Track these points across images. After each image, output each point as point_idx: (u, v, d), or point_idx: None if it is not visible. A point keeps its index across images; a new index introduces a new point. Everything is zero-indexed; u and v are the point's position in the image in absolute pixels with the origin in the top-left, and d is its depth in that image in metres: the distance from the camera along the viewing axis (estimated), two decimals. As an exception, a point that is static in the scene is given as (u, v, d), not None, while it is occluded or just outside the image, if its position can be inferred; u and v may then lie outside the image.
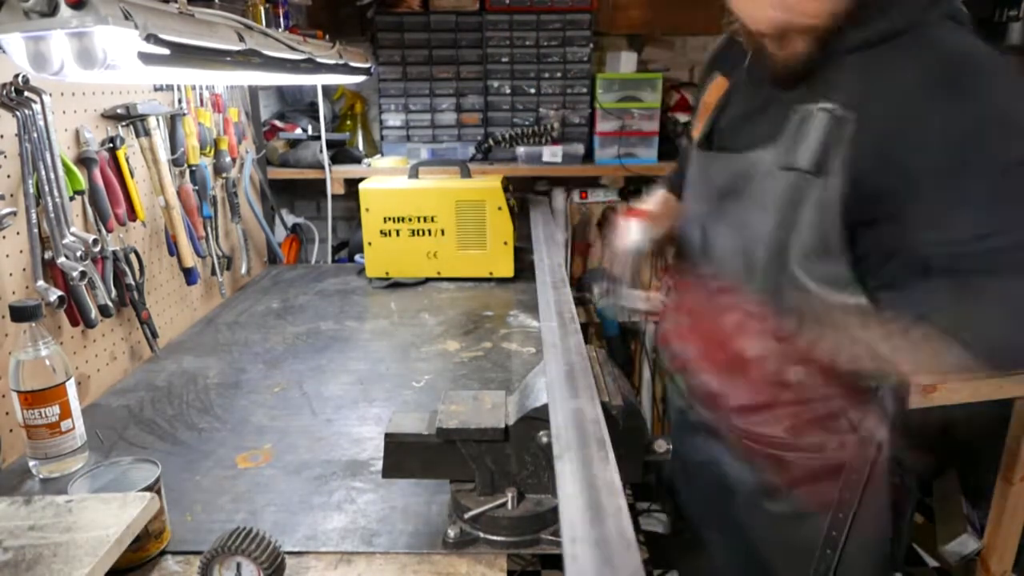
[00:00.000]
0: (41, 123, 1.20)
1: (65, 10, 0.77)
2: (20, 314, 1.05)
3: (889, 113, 0.90)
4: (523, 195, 2.57)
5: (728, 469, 1.19)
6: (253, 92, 2.33)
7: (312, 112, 2.63)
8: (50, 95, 1.21)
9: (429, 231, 2.07)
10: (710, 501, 1.28)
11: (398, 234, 2.07)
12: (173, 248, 1.69)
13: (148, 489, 0.90)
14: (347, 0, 2.52)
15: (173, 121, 1.69)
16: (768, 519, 1.16)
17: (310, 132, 2.55)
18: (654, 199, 1.44)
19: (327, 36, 1.86)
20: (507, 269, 2.11)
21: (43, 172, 1.21)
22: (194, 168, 1.77)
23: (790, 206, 0.98)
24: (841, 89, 0.94)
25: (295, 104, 2.75)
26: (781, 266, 1.01)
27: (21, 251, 1.23)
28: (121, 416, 1.33)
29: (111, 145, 1.46)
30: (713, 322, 1.05)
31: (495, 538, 0.93)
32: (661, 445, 0.97)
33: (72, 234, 1.26)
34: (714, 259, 1.12)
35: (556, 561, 2.44)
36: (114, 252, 1.44)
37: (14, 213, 1.17)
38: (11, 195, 1.20)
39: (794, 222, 0.98)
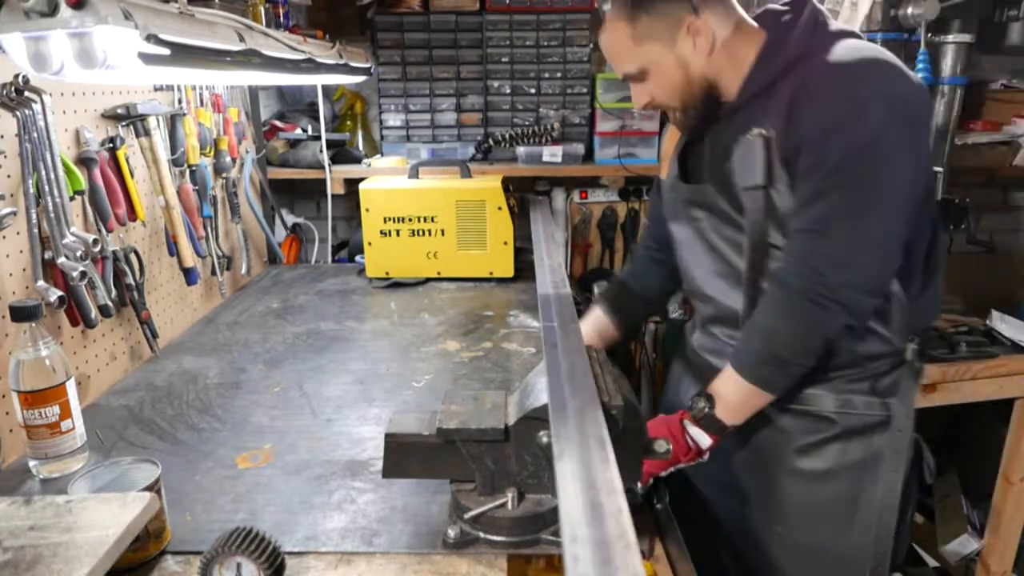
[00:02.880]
0: (41, 123, 1.20)
1: (65, 10, 0.77)
2: (20, 314, 1.05)
3: (792, 122, 1.07)
4: (523, 195, 2.57)
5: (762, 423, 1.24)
6: (253, 92, 2.33)
7: (312, 112, 2.63)
8: (50, 95, 1.21)
9: (429, 231, 2.07)
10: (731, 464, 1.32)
11: (398, 234, 2.07)
12: (173, 248, 1.69)
13: (148, 489, 0.89)
14: (347, 0, 2.52)
15: (173, 121, 1.69)
16: (797, 476, 1.23)
17: (310, 132, 2.55)
18: (587, 324, 1.52)
19: (327, 36, 1.86)
20: (507, 269, 2.10)
21: (43, 172, 1.21)
22: (194, 168, 1.77)
23: (759, 215, 1.13)
24: (765, 116, 1.10)
25: (295, 104, 2.75)
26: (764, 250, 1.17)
27: (21, 251, 1.22)
28: (121, 416, 1.33)
29: (111, 145, 1.46)
30: None
31: (495, 538, 0.93)
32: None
33: (72, 234, 1.26)
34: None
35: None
36: (114, 252, 1.44)
37: (14, 213, 1.17)
38: (11, 195, 1.20)
39: (765, 228, 1.13)
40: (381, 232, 2.08)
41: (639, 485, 1.08)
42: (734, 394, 1.13)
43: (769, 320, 1.11)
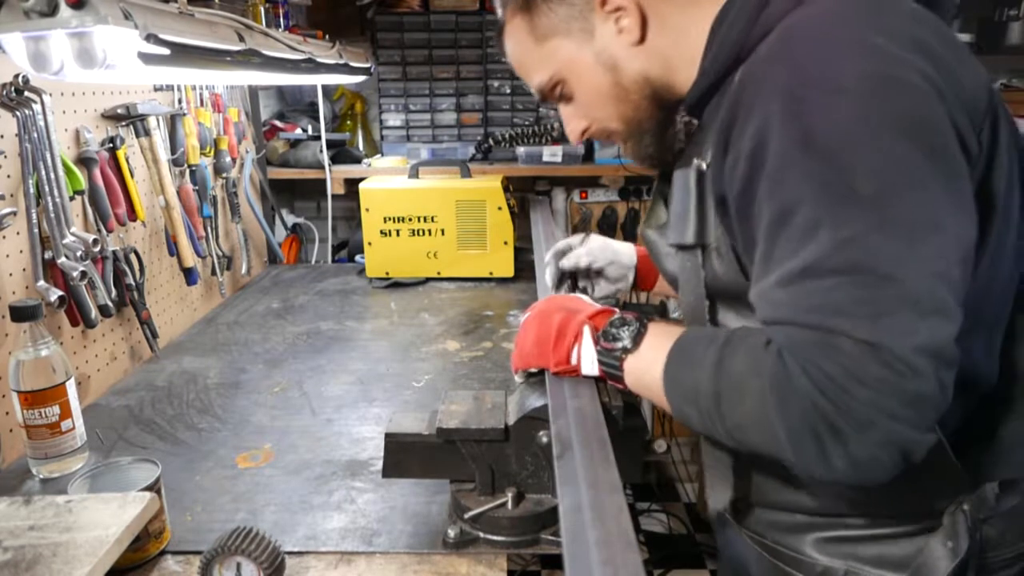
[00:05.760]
0: (41, 123, 1.20)
1: (65, 10, 0.77)
2: (20, 314, 1.05)
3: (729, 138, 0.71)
4: (523, 195, 2.57)
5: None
6: (253, 92, 2.33)
7: (312, 112, 2.63)
8: (50, 95, 1.21)
9: (429, 231, 2.07)
10: None
11: (398, 234, 2.07)
12: (173, 248, 1.69)
13: (148, 489, 0.90)
14: (347, 0, 2.52)
15: (173, 121, 1.69)
16: None
17: (310, 132, 2.55)
18: None
19: (327, 36, 1.86)
20: (507, 269, 2.10)
21: (43, 172, 1.21)
22: (194, 168, 1.77)
23: (692, 285, 0.83)
24: (705, 144, 0.78)
25: (295, 104, 2.75)
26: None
27: (21, 251, 1.23)
28: (121, 416, 1.33)
29: (111, 145, 1.46)
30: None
31: (495, 538, 0.93)
32: (661, 445, 0.97)
33: (72, 234, 1.26)
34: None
35: (556, 561, 2.43)
36: (114, 252, 1.44)
37: (14, 213, 1.17)
38: (11, 195, 1.20)
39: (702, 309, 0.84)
40: (381, 232, 2.08)
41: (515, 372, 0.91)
42: (648, 375, 0.76)
43: (741, 379, 0.66)
